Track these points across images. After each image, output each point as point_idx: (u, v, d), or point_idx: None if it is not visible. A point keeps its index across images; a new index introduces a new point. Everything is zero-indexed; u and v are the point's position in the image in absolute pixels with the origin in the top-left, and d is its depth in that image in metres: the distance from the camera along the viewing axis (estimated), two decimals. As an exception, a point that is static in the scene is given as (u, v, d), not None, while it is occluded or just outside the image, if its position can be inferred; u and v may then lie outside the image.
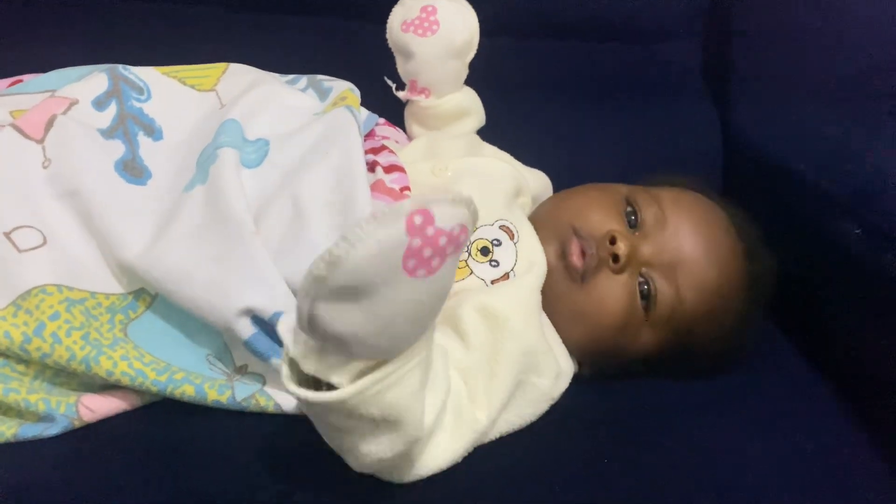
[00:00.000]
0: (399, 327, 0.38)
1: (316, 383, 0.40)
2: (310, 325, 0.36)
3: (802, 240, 0.73)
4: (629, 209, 0.62)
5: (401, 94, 0.73)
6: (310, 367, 0.39)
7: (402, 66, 0.72)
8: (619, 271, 0.59)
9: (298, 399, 0.40)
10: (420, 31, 0.68)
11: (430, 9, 0.68)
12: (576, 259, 0.59)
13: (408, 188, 0.60)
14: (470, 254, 0.58)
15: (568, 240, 0.60)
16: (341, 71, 0.73)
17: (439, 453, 0.48)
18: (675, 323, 0.60)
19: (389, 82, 0.73)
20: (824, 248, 0.70)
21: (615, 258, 0.58)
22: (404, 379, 0.40)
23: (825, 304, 0.72)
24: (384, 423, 0.41)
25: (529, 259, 0.59)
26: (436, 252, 0.35)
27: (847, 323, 0.69)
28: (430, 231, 0.34)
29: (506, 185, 0.64)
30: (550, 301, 0.59)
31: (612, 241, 0.58)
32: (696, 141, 0.90)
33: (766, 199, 0.80)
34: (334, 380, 0.39)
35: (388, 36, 0.71)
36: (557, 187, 0.74)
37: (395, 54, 0.72)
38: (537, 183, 0.73)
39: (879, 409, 0.62)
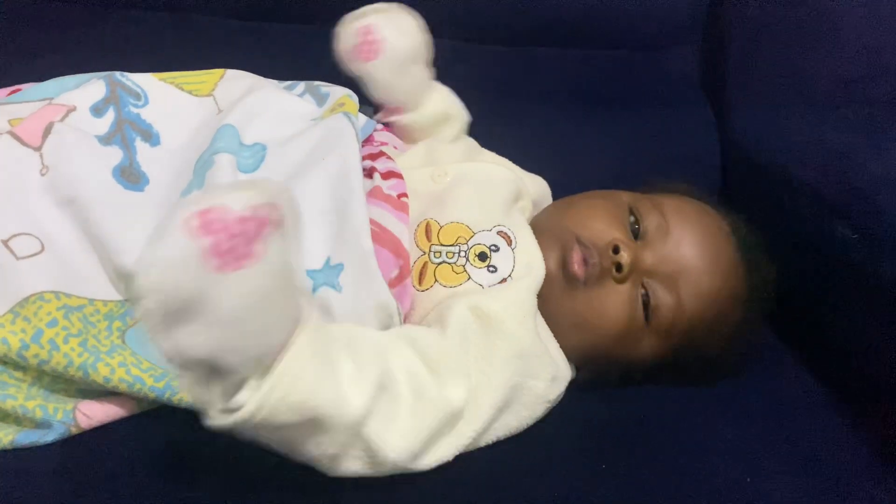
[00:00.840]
0: (254, 322, 0.37)
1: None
2: (170, 359, 0.35)
3: (800, 245, 0.73)
4: (632, 218, 0.62)
5: (377, 117, 0.73)
6: (215, 393, 0.39)
7: (369, 93, 0.71)
8: (621, 281, 0.59)
9: (217, 428, 0.40)
10: (366, 56, 0.68)
11: (366, 30, 0.68)
12: (577, 268, 0.58)
13: (405, 194, 0.60)
14: (468, 259, 0.58)
15: (570, 248, 0.59)
16: (340, 78, 0.73)
17: (402, 434, 0.47)
18: (675, 332, 0.60)
19: (365, 115, 0.72)
20: (822, 253, 0.71)
21: (618, 267, 0.58)
22: (299, 376, 0.39)
23: (823, 309, 0.72)
24: (310, 424, 0.41)
25: (527, 265, 0.59)
26: (245, 238, 0.34)
27: (845, 327, 0.69)
28: (218, 224, 0.33)
29: (505, 191, 0.64)
30: (550, 308, 0.59)
31: (616, 251, 0.58)
32: (693, 147, 0.90)
33: (764, 205, 0.80)
34: (232, 404, 0.39)
35: (344, 68, 0.70)
36: (556, 194, 0.74)
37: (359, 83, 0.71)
38: (536, 188, 0.73)
39: (878, 413, 0.62)
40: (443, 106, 0.74)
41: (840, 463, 0.57)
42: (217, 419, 0.40)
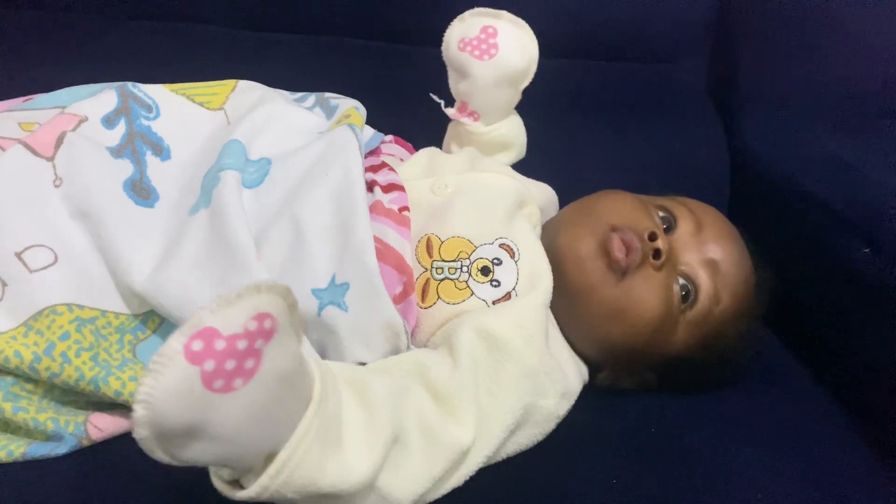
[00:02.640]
0: (256, 431, 0.36)
1: None
2: (173, 462, 0.34)
3: (810, 258, 0.73)
4: (662, 214, 0.63)
5: (449, 112, 0.71)
6: (223, 472, 0.39)
7: (454, 84, 0.70)
8: (659, 268, 0.59)
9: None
10: (477, 54, 0.66)
11: (490, 30, 0.66)
12: (619, 253, 0.58)
13: (406, 208, 0.60)
14: (470, 274, 0.57)
15: (608, 235, 0.59)
16: (348, 88, 0.73)
17: (413, 479, 0.47)
18: (707, 324, 0.61)
19: (436, 98, 0.71)
20: (832, 266, 0.70)
21: (656, 254, 0.58)
22: (303, 461, 0.39)
23: (832, 322, 0.72)
24: (320, 495, 0.40)
25: (531, 276, 0.58)
26: (243, 356, 0.33)
27: (854, 340, 0.69)
28: (220, 345, 0.32)
29: (507, 200, 0.63)
30: (582, 301, 0.59)
31: (652, 238, 0.59)
32: (703, 159, 0.90)
33: (774, 217, 0.80)
34: (239, 485, 0.39)
35: (443, 50, 0.69)
36: (564, 205, 0.73)
37: (448, 70, 0.70)
38: (542, 194, 0.72)
39: (887, 426, 0.61)
40: (510, 135, 0.73)
41: (854, 483, 0.56)
42: (223, 491, 0.39)
